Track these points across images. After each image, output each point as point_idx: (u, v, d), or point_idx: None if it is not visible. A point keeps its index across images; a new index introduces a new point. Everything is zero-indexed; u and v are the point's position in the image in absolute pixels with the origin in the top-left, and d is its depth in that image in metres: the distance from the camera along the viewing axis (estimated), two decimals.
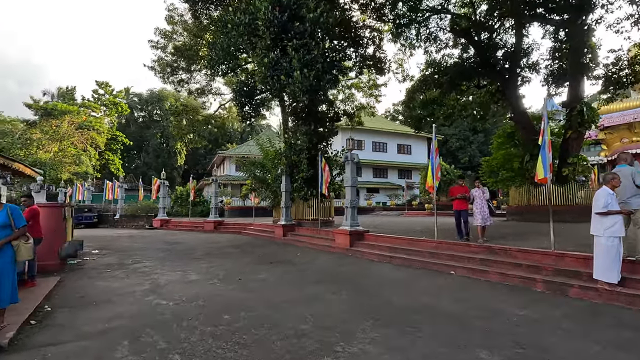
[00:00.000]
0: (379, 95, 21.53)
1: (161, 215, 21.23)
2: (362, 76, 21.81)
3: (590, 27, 16.39)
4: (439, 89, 19.53)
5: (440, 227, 8.39)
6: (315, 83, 9.73)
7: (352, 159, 10.45)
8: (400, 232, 10.93)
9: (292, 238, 12.96)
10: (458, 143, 50.64)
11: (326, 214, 14.43)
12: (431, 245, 8.15)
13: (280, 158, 13.88)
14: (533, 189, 16.27)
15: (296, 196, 14.16)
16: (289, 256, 9.75)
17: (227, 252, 10.87)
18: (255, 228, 16.47)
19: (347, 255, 9.61)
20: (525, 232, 9.94)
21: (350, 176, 10.40)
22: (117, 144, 46.14)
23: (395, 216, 26.10)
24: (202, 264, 8.62)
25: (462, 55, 18.78)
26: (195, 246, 12.30)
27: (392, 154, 42.71)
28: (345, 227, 10.25)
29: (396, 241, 9.10)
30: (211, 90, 18.88)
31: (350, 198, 10.34)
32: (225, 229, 18.10)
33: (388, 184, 41.08)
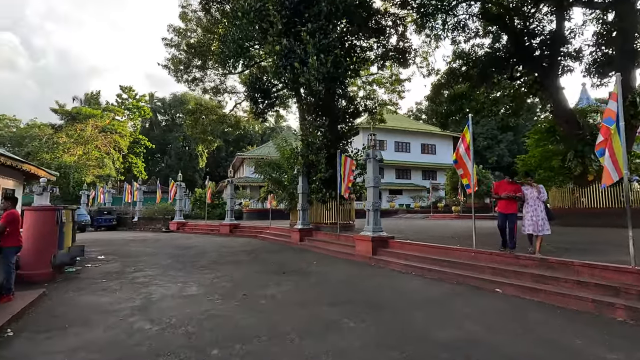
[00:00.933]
0: (402, 91, 20.24)
1: (178, 218, 20.79)
2: (384, 71, 20.66)
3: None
4: (468, 82, 18.09)
5: (468, 232, 7.16)
6: (332, 70, 8.73)
7: (375, 157, 9.36)
8: (429, 238, 9.72)
9: (309, 243, 11.98)
10: (485, 142, 48.27)
11: (346, 218, 13.38)
12: (468, 255, 6.93)
13: (296, 158, 12.95)
14: (578, 190, 14.57)
15: (314, 198, 13.18)
16: (304, 265, 8.75)
17: (239, 259, 10.01)
18: (271, 232, 15.62)
19: (369, 265, 8.51)
20: (577, 241, 8.53)
21: (373, 176, 9.30)
22: (140, 147, 46.83)
23: (420, 219, 24.64)
24: (208, 274, 7.76)
25: (494, 44, 17.26)
26: (207, 251, 11.54)
27: (415, 154, 41.06)
28: (367, 232, 9.16)
29: (426, 249, 7.92)
30: (226, 89, 18.28)
31: (373, 200, 9.25)
32: (240, 232, 17.36)
33: (411, 185, 39.46)
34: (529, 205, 6.17)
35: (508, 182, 6.62)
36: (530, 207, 6.13)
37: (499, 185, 6.79)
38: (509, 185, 6.56)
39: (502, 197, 6.49)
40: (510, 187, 6.51)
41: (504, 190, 6.52)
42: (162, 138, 60.95)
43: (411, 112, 60.91)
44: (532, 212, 6.08)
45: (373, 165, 9.37)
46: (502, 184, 6.70)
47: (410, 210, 33.05)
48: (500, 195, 6.53)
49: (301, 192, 12.88)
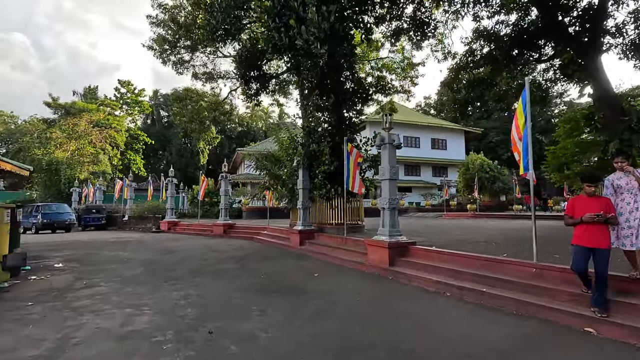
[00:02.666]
0: (416, 76, 18.24)
1: (169, 217, 19.08)
2: (395, 55, 18.70)
3: None
4: (491, 65, 16.06)
5: (504, 235, 5.22)
6: (337, 26, 6.87)
7: (392, 142, 7.47)
8: (458, 243, 7.81)
9: (311, 248, 10.13)
10: (499, 137, 45.98)
11: (354, 217, 11.48)
12: (528, 272, 5.02)
13: (296, 147, 11.11)
14: None
15: (316, 195, 11.32)
16: (303, 279, 6.90)
17: (224, 268, 8.19)
18: (268, 233, 13.80)
19: (386, 279, 6.64)
20: None
21: (389, 166, 7.41)
22: (139, 144, 45.33)
23: (433, 218, 22.67)
24: (177, 291, 5.95)
25: (521, 20, 15.21)
26: (190, 257, 9.75)
27: (425, 149, 39.01)
28: (383, 237, 7.28)
29: (461, 260, 6.02)
30: (220, 75, 16.50)
31: (389, 196, 7.36)
32: (235, 233, 15.57)
33: (421, 182, 37.44)
34: (626, 203, 4.18)
35: (591, 196, 4.15)
36: (630, 207, 4.14)
37: (575, 202, 4.25)
38: (592, 201, 4.07)
39: (586, 221, 3.96)
40: (596, 203, 4.02)
41: (588, 209, 3.97)
42: (162, 134, 59.53)
43: (420, 107, 58.73)
44: (635, 213, 4.09)
45: (389, 152, 7.48)
46: (581, 200, 4.19)
47: (421, 209, 31.05)
48: (582, 218, 3.97)
49: (301, 187, 11.04)
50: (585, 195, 4.20)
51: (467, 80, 17.17)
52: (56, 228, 19.71)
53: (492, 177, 30.62)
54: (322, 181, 10.93)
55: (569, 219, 4.22)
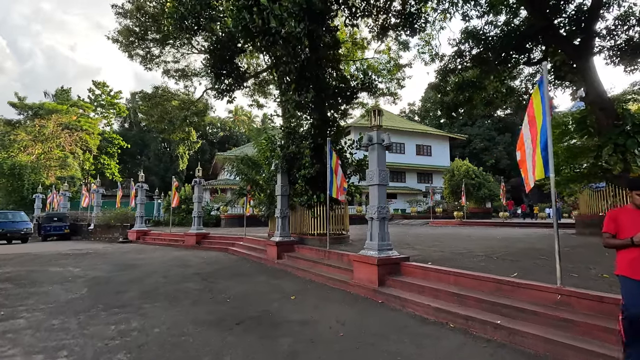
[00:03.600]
0: (402, 78, 17.51)
1: (138, 226, 17.56)
2: (381, 56, 17.94)
3: None
4: (480, 67, 15.47)
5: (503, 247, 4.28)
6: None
7: (381, 141, 6.48)
8: (457, 257, 6.86)
9: (290, 263, 9.00)
10: (482, 144, 46.18)
11: (338, 226, 10.44)
12: (551, 298, 4.07)
13: (274, 150, 10.03)
14: (621, 192, 11.95)
15: (296, 202, 10.25)
16: (277, 303, 5.78)
17: (184, 288, 6.97)
18: (244, 244, 12.59)
19: (376, 303, 5.59)
20: None
21: (378, 168, 6.41)
22: (114, 148, 43.16)
23: (420, 226, 21.87)
24: (114, 325, 4.73)
25: (511, 21, 14.69)
26: (148, 274, 8.45)
27: (410, 155, 38.51)
28: (371, 251, 6.25)
29: (465, 282, 5.04)
30: (194, 72, 15.22)
31: (379, 204, 6.35)
32: (209, 244, 14.25)
33: (406, 188, 36.84)
34: None
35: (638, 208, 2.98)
36: None
37: (620, 216, 3.03)
38: None
39: (635, 244, 2.80)
40: None
41: (637, 229, 2.83)
42: (140, 138, 57.26)
43: (404, 113, 58.63)
44: None
45: (378, 153, 6.48)
46: (628, 213, 3.01)
47: (407, 216, 30.33)
48: (634, 239, 2.79)
49: (280, 193, 9.94)
50: (634, 208, 3.04)
51: (456, 82, 16.56)
52: (11, 238, 17.86)
53: (478, 184, 30.25)
54: (302, 187, 9.87)
55: (610, 238, 3.02)
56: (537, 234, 13.30)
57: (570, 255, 6.84)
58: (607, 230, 3.07)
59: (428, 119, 54.22)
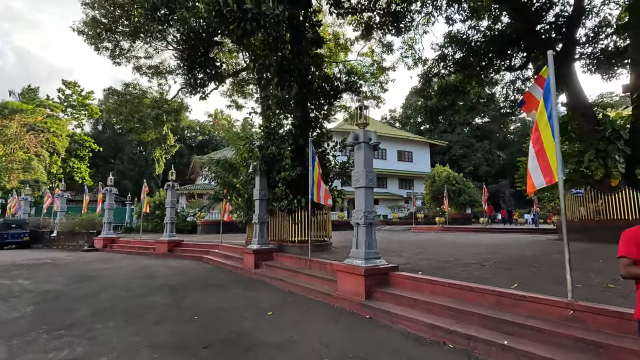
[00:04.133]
0: (385, 82, 17.25)
1: (106, 233, 16.36)
2: (364, 59, 17.65)
3: None
4: (463, 71, 15.39)
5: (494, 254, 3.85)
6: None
7: (367, 140, 5.97)
8: (444, 265, 6.40)
9: (268, 273, 8.32)
10: (462, 151, 46.82)
11: (320, 232, 9.86)
12: (562, 314, 3.61)
13: (252, 150, 9.37)
14: (603, 197, 11.94)
15: (276, 207, 9.60)
16: (252, 321, 5.11)
17: (147, 304, 6.17)
18: (220, 252, 11.79)
19: (363, 319, 5.02)
20: None
21: (365, 169, 5.89)
22: (85, 150, 41.09)
23: (402, 232, 21.57)
24: (53, 352, 3.95)
25: (494, 26, 14.69)
26: (108, 288, 7.57)
27: (391, 161, 38.51)
28: (357, 261, 5.68)
29: (463, 294, 4.54)
30: (169, 69, 14.34)
31: (365, 208, 5.81)
32: (182, 252, 13.33)
33: (388, 194, 36.71)
34: None
35: None
36: None
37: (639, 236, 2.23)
38: None
39: None
40: None
41: None
42: (114, 141, 54.98)
43: (385, 119, 58.98)
44: None
45: (365, 153, 5.96)
46: None
47: (389, 222, 30.06)
48: None
49: (258, 197, 9.27)
50: None
51: (439, 87, 16.44)
52: None
53: (458, 190, 30.41)
54: (282, 190, 9.24)
55: (631, 265, 2.20)
56: (522, 240, 13.15)
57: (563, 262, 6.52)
58: (626, 254, 2.21)
59: (409, 125, 54.70)
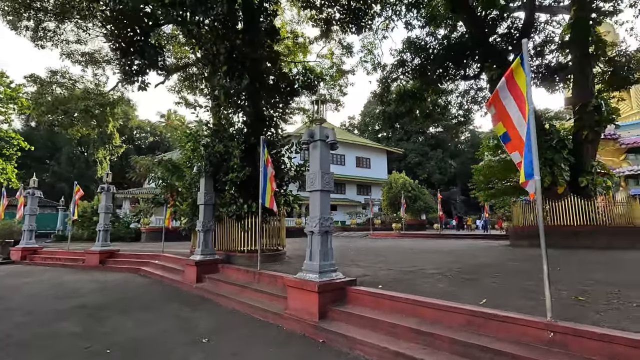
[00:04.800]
0: (345, 85, 16.91)
1: (26, 242, 14.16)
2: (324, 61, 17.20)
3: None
4: (421, 78, 15.45)
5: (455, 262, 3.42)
6: None
7: (324, 138, 5.32)
8: (406, 276, 5.90)
9: (211, 287, 7.33)
10: (417, 159, 48.27)
11: (273, 241, 9.04)
12: (541, 337, 3.14)
13: (196, 149, 8.36)
14: (551, 204, 12.34)
15: (223, 212, 8.64)
16: (182, 349, 4.18)
17: (51, 334, 4.97)
18: (160, 264, 10.50)
19: (316, 345, 4.30)
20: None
21: (321, 171, 5.21)
22: (12, 149, 36.49)
23: (360, 238, 21.28)
24: None
25: (450, 35, 14.93)
26: (4, 312, 6.15)
27: (350, 167, 38.53)
28: (310, 274, 4.97)
29: (430, 313, 3.99)
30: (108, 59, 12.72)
31: (321, 214, 5.12)
32: (116, 264, 11.78)
33: (346, 200, 36.59)
34: None
35: None
36: None
37: None
38: None
39: None
40: None
41: None
42: (50, 140, 49.87)
43: (344, 125, 59.43)
44: None
45: (322, 152, 5.30)
46: None
47: (347, 228, 29.81)
48: None
49: (203, 202, 8.26)
50: None
51: (397, 92, 16.40)
52: None
53: (414, 196, 31.00)
54: (231, 194, 8.33)
55: None
56: (476, 246, 13.27)
57: (524, 271, 6.31)
58: None
59: (367, 132, 55.50)
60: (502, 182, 15.55)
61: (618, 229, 11.32)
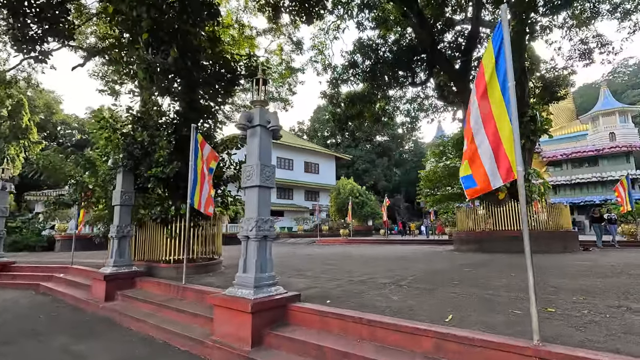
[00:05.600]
0: (295, 84, 16.13)
1: None
2: (272, 57, 16.28)
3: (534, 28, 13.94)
4: (372, 81, 15.22)
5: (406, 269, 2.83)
6: None
7: (265, 123, 4.41)
8: (357, 288, 5.17)
9: (123, 307, 5.95)
10: (364, 165, 49.00)
11: (206, 248, 7.84)
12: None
13: (109, 138, 6.93)
14: (493, 209, 12.60)
15: (146, 215, 7.28)
16: None
17: None
18: (66, 278, 8.67)
19: None
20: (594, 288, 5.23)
21: (260, 163, 4.28)
22: None
23: (307, 245, 20.48)
24: None
25: (400, 40, 14.91)
26: None
27: (298, 172, 37.73)
28: (243, 289, 3.99)
29: (386, 336, 3.23)
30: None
31: (258, 215, 4.18)
32: (11, 278, 9.56)
33: (294, 206, 35.66)
34: None
35: None
36: None
37: None
38: None
39: None
40: None
41: None
42: None
43: (293, 130, 58.72)
44: None
45: (261, 139, 4.38)
46: None
47: (294, 234, 28.85)
48: None
49: (119, 202, 6.83)
50: None
51: (347, 95, 16.04)
52: None
53: (361, 202, 31.09)
54: (157, 194, 7.01)
55: None
56: (423, 251, 13.13)
57: (480, 278, 5.92)
58: None
59: (316, 138, 55.31)
60: (447, 187, 15.84)
61: (552, 234, 11.83)
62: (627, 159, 32.11)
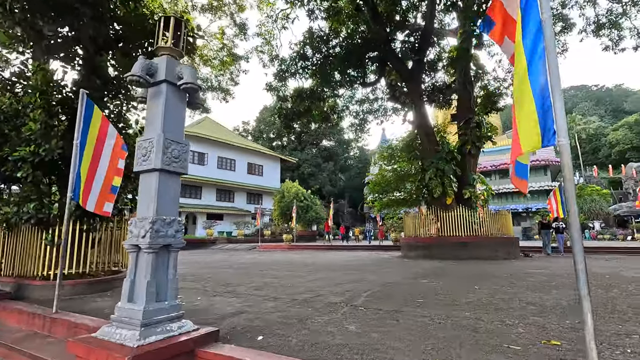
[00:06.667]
0: (237, 74, 14.57)
1: None
2: (212, 42, 14.56)
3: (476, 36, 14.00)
4: (321, 77, 14.23)
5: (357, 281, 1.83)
6: None
7: (175, 78, 3.00)
8: (299, 313, 3.95)
9: None
10: (310, 169, 48.20)
11: (106, 257, 6.04)
12: None
13: None
14: (440, 214, 12.24)
15: (12, 213, 5.31)
16: None
17: None
18: None
19: None
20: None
21: (162, 135, 2.86)
22: None
23: (247, 251, 18.76)
24: None
25: (353, 34, 14.15)
26: None
27: (241, 173, 35.65)
28: (123, 330, 2.52)
29: None
30: None
31: (155, 214, 2.75)
32: None
33: (235, 209, 33.48)
34: None
35: None
36: None
37: None
38: None
39: None
40: None
41: None
42: None
43: (237, 130, 56.06)
44: None
45: (166, 104, 2.97)
46: None
47: (232, 239, 26.77)
48: None
49: None
50: None
51: (295, 90, 14.88)
52: None
53: (306, 206, 30.08)
54: (29, 186, 5.12)
55: None
56: (371, 259, 12.35)
57: (446, 294, 5.00)
58: None
59: (262, 139, 53.36)
60: (395, 192, 15.38)
61: (497, 240, 11.75)
62: (544, 171, 35.27)
